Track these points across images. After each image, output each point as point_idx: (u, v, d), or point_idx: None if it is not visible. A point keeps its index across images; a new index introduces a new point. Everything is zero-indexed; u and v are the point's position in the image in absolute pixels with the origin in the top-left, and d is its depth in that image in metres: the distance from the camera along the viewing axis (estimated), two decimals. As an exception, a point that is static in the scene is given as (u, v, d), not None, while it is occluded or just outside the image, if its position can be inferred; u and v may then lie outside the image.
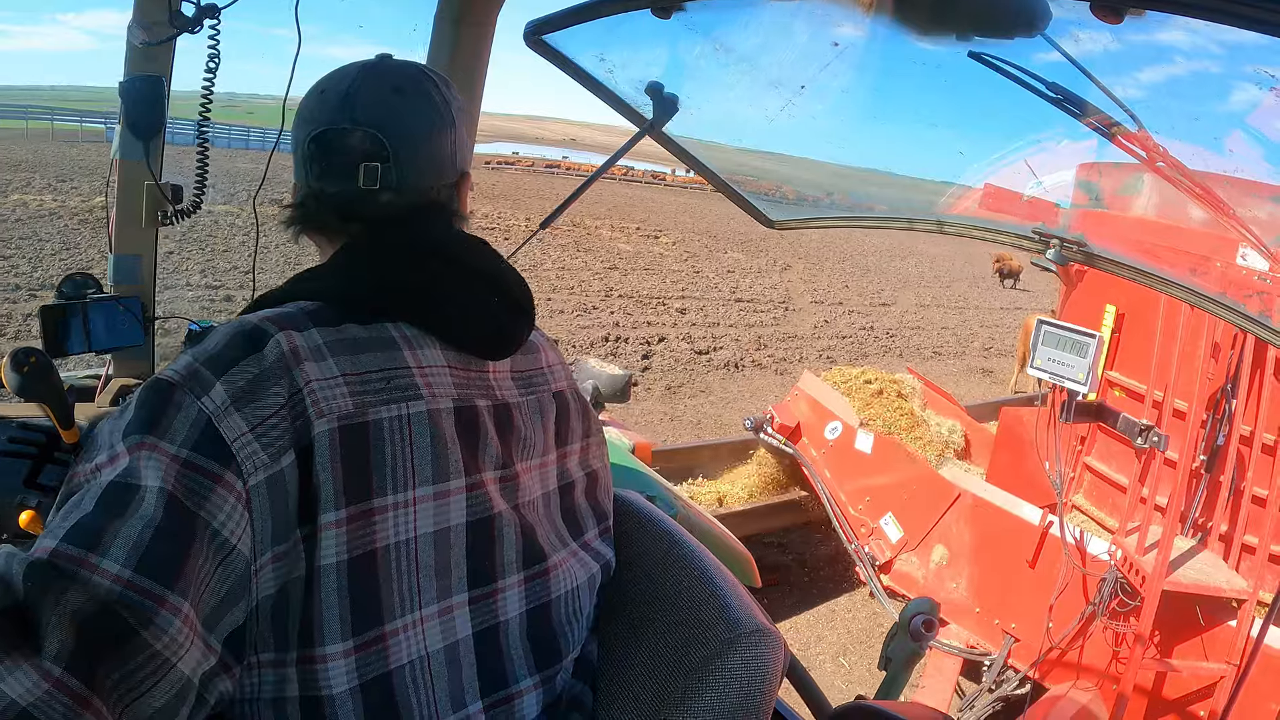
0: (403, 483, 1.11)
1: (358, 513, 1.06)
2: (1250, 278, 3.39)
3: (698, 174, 2.43)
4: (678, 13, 1.79)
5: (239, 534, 0.97)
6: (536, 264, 18.67)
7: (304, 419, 1.04)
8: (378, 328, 1.18)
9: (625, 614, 1.46)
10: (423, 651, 1.12)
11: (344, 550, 1.05)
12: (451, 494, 1.17)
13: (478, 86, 2.25)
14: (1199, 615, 4.02)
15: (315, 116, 1.28)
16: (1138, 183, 3.48)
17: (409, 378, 1.17)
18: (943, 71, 1.79)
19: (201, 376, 1.02)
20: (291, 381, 1.05)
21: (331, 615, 1.04)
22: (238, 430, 1.00)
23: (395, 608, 1.10)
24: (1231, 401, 4.27)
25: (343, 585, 1.04)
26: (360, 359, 1.13)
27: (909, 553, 5.50)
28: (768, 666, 1.30)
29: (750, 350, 14.13)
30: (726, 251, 25.30)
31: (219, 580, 0.95)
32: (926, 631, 2.05)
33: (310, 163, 1.29)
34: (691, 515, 3.07)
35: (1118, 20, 1.17)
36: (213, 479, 0.97)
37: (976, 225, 2.17)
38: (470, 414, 1.23)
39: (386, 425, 1.11)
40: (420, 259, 1.24)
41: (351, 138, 1.26)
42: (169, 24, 2.00)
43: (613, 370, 3.58)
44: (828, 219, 2.57)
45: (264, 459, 1.00)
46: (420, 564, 1.13)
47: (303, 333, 1.10)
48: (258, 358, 1.06)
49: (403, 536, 1.11)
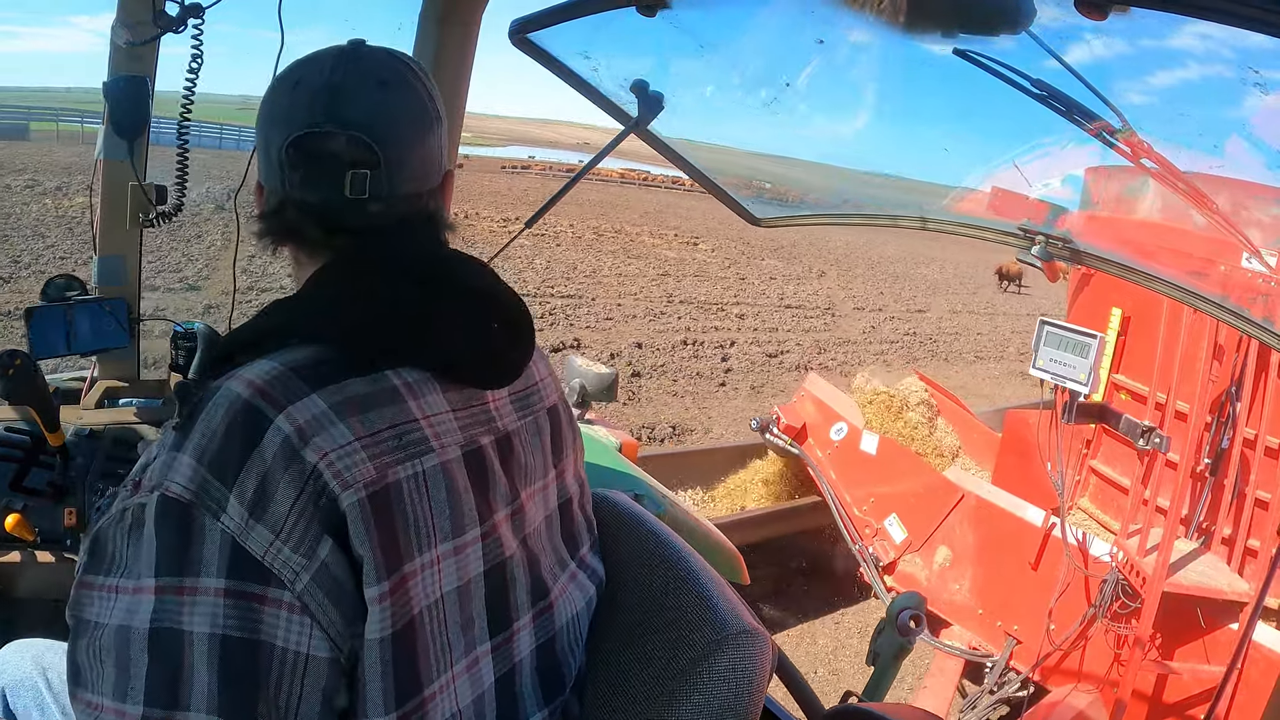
0: (427, 543, 1.06)
1: (397, 582, 1.02)
2: (1255, 281, 3.38)
3: (683, 172, 2.42)
4: (662, 11, 1.79)
5: (307, 642, 0.95)
6: (596, 270, 19.32)
7: (327, 497, 0.98)
8: (378, 378, 1.09)
9: (612, 616, 1.45)
10: (455, 709, 1.10)
11: (388, 624, 1.01)
12: (469, 545, 1.13)
13: (463, 85, 2.25)
14: (1200, 618, 4.00)
15: (291, 117, 1.15)
16: (1142, 186, 3.47)
17: (418, 431, 1.09)
18: (928, 69, 1.78)
19: (213, 491, 0.95)
20: (302, 466, 0.97)
21: (374, 690, 1.00)
22: (265, 542, 0.94)
23: (432, 671, 1.07)
24: (1236, 405, 4.25)
25: (387, 659, 1.01)
26: (369, 417, 1.05)
27: (913, 554, 5.48)
28: (755, 667, 1.30)
29: (813, 354, 14.70)
30: (763, 259, 25.69)
31: (311, 689, 0.95)
32: (914, 626, 2.05)
33: (288, 169, 1.15)
34: (679, 514, 3.06)
35: (1102, 17, 1.16)
36: (258, 600, 0.93)
37: (962, 222, 2.16)
38: (478, 456, 1.17)
39: (405, 485, 1.05)
40: (416, 284, 1.14)
41: (336, 142, 1.13)
42: (153, 24, 2.00)
43: (600, 369, 3.57)
44: (812, 217, 2.56)
45: (301, 561, 0.95)
46: (449, 622, 1.10)
47: (302, 402, 1.01)
48: (259, 453, 0.97)
49: (433, 598, 1.07)
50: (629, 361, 12.23)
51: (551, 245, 21.94)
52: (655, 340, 13.73)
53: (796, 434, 6.58)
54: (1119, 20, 1.16)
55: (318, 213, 1.16)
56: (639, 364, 12.21)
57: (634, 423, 9.65)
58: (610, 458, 3.19)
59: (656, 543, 1.49)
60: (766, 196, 2.64)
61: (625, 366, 11.87)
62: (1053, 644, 4.52)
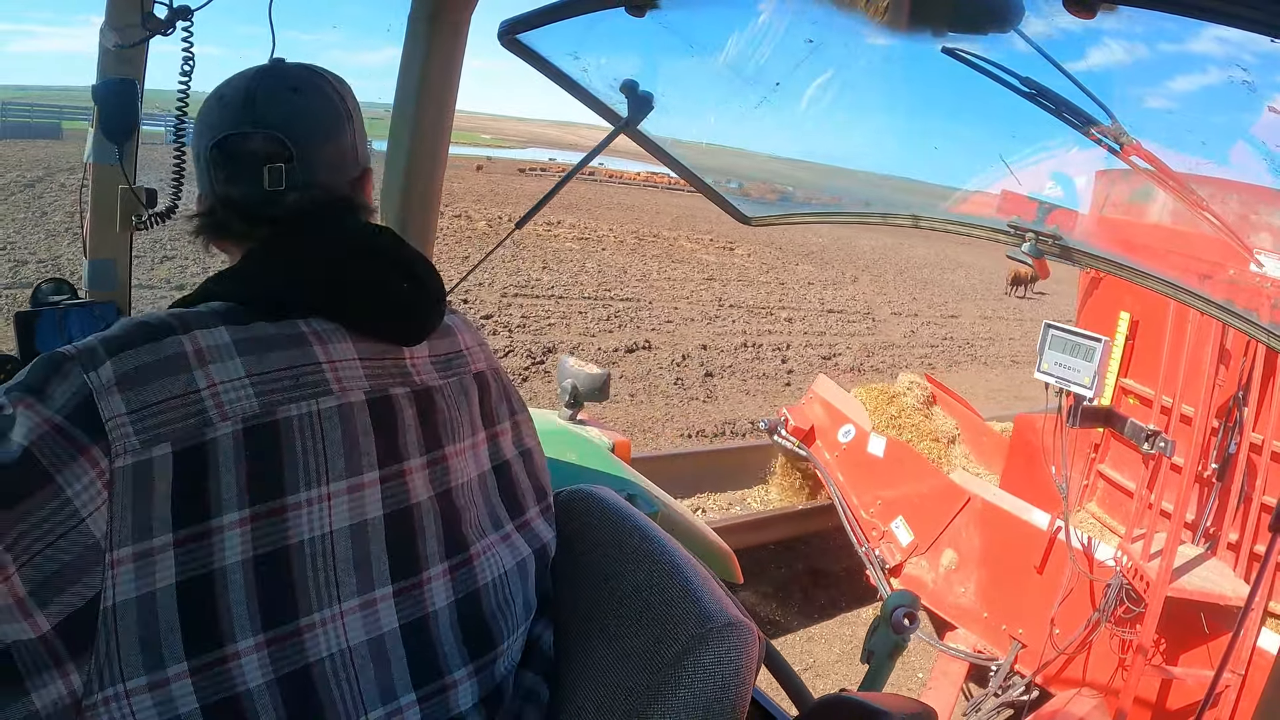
0: (315, 479, 1.11)
1: (265, 511, 1.06)
2: (1263, 285, 3.35)
3: (674, 172, 2.41)
4: (652, 11, 1.79)
5: (91, 509, 0.97)
6: (646, 274, 19.71)
7: (197, 419, 1.04)
8: (288, 324, 1.17)
9: (595, 611, 1.44)
10: (343, 645, 1.11)
11: (249, 548, 1.04)
12: (366, 486, 1.17)
13: (452, 85, 2.25)
14: (1204, 623, 3.97)
15: (216, 123, 1.28)
16: (1147, 191, 3.45)
17: (319, 373, 1.16)
18: (917, 68, 1.78)
19: (95, 353, 1.03)
20: (189, 380, 1.05)
21: (240, 611, 1.03)
22: (115, 410, 1.01)
23: (311, 602, 1.09)
24: (1243, 409, 4.22)
25: (250, 581, 1.04)
26: (268, 357, 1.13)
27: (919, 556, 5.46)
28: (741, 660, 1.28)
29: (862, 357, 15.09)
30: (797, 264, 25.99)
31: (57, 549, 0.95)
32: (908, 624, 2.03)
33: (214, 169, 1.28)
34: (673, 513, 3.05)
35: (1090, 15, 1.16)
36: (78, 449, 0.98)
37: (953, 220, 2.15)
38: (385, 404, 1.23)
39: (296, 422, 1.11)
40: (327, 252, 1.24)
41: (253, 140, 1.26)
42: (141, 26, 1.99)
43: (591, 369, 3.56)
44: (803, 215, 2.56)
45: (135, 444, 1.00)
46: (338, 558, 1.12)
47: (209, 330, 1.10)
48: (155, 347, 1.06)
49: (317, 532, 1.11)
50: (700, 363, 12.73)
51: (598, 249, 22.34)
52: (717, 343, 14.23)
53: (804, 436, 6.58)
54: (1108, 19, 1.16)
55: (240, 206, 1.28)
56: (709, 365, 12.69)
57: (714, 419, 9.98)
58: (602, 459, 3.19)
59: (640, 537, 1.48)
60: (755, 195, 2.65)
61: (698, 367, 12.44)
62: (1057, 648, 4.50)
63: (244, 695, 1.03)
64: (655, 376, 11.77)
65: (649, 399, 10.76)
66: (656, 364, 12.37)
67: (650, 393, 11.03)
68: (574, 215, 28.90)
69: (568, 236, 23.79)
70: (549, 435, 3.21)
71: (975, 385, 13.74)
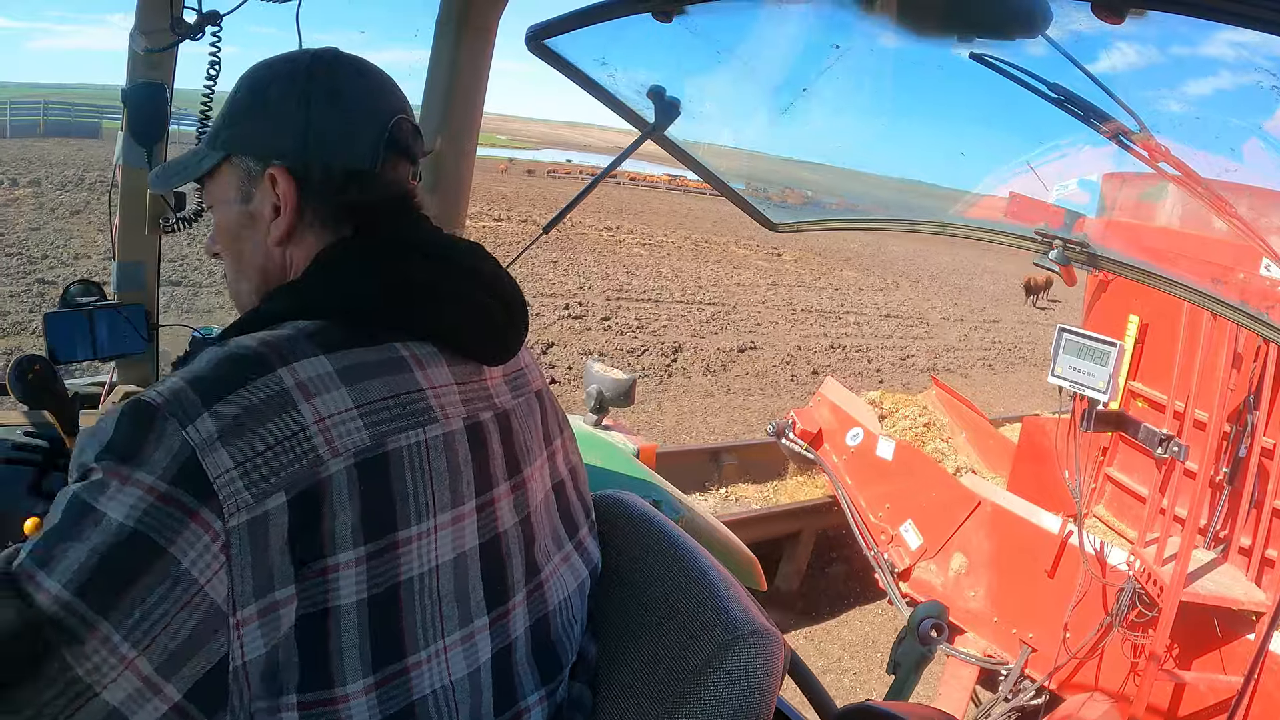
0: (425, 511, 1.07)
1: (379, 549, 1.01)
2: (1274, 288, 3.35)
3: (700, 177, 2.42)
4: (678, 16, 1.78)
5: (209, 575, 0.90)
6: (717, 279, 20.61)
7: (309, 459, 0.97)
8: (386, 348, 1.11)
9: (623, 616, 1.44)
10: (446, 680, 1.09)
11: (364, 588, 1.00)
12: (465, 517, 1.13)
13: (480, 89, 2.25)
14: (1217, 628, 3.97)
15: (376, 104, 1.22)
16: (1159, 191, 3.45)
17: (424, 401, 1.11)
18: (945, 74, 1.77)
19: (188, 402, 0.94)
20: (296, 419, 0.98)
21: (351, 655, 0.99)
22: (222, 466, 0.92)
23: (419, 639, 1.06)
24: (1253, 413, 4.22)
25: (363, 623, 1.00)
26: (372, 385, 1.06)
27: (928, 560, 5.46)
28: (767, 668, 1.29)
29: (931, 358, 16.15)
30: (841, 270, 26.70)
31: (178, 623, 0.88)
32: (935, 635, 2.03)
33: (384, 149, 1.21)
34: (697, 519, 3.05)
35: (1119, 20, 1.16)
36: (187, 513, 0.89)
37: (979, 226, 2.15)
38: (478, 430, 1.19)
39: (406, 454, 1.06)
40: (420, 262, 1.16)
41: (408, 127, 1.25)
42: (170, 31, 2.00)
43: (617, 374, 3.57)
44: (829, 221, 2.56)
45: (248, 499, 0.92)
46: (442, 593, 1.09)
47: (310, 360, 1.02)
48: (254, 386, 0.97)
49: (427, 566, 1.07)
50: (806, 361, 13.93)
51: (662, 255, 23.13)
52: (808, 344, 15.21)
53: (813, 439, 6.57)
54: (1136, 24, 1.16)
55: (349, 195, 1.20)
56: (815, 363, 13.85)
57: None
58: (628, 464, 3.19)
59: (668, 543, 1.48)
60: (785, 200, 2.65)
61: (804, 365, 13.62)
62: (1068, 652, 4.50)
63: None
64: (773, 373, 13.06)
65: (775, 393, 11.93)
66: (768, 363, 13.52)
67: (775, 388, 12.28)
68: (621, 219, 29.47)
69: (631, 242, 24.43)
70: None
71: (1034, 386, 14.36)
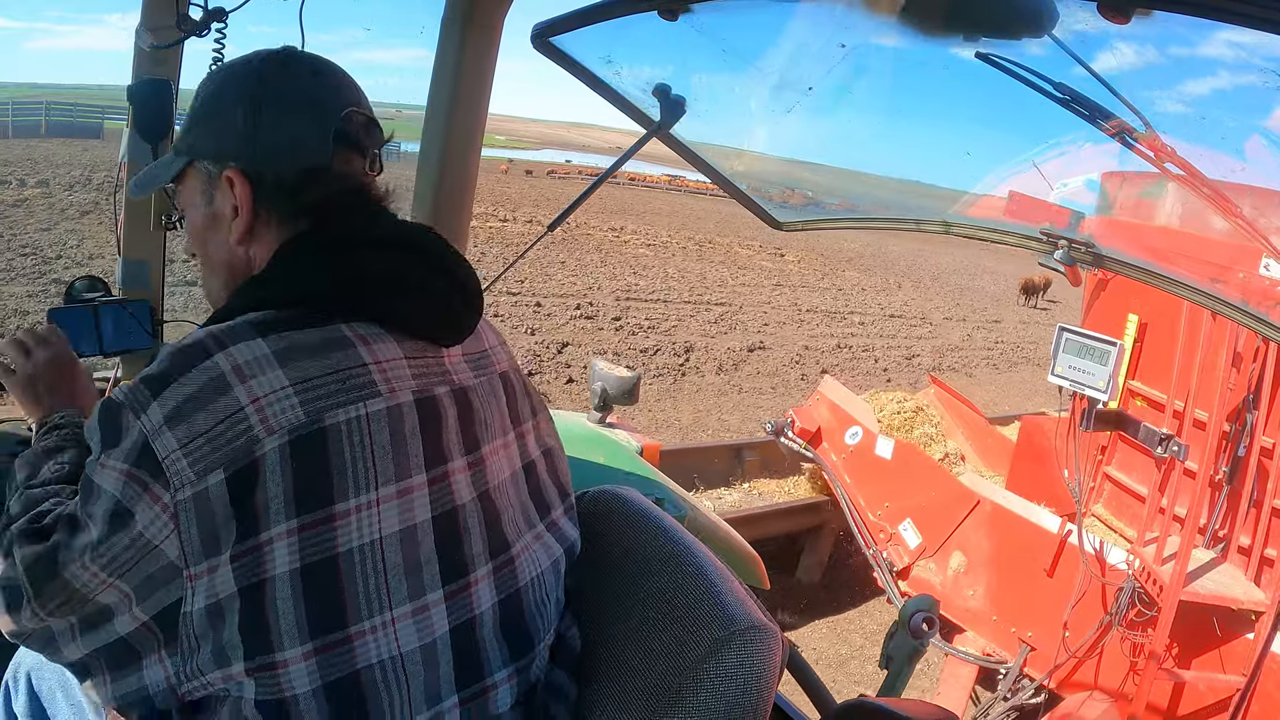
0: (365, 484, 1.11)
1: (313, 521, 1.07)
2: (1274, 287, 3.36)
3: (705, 175, 2.42)
4: (684, 14, 1.78)
5: (162, 538, 1.05)
6: (723, 280, 20.84)
7: (245, 438, 1.05)
8: (331, 329, 1.16)
9: (619, 610, 1.44)
10: (394, 652, 1.12)
11: (296, 559, 1.06)
12: (415, 490, 1.16)
13: (485, 88, 2.24)
14: (1216, 627, 3.98)
15: (326, 98, 1.28)
16: (1160, 189, 3.46)
17: (366, 375, 1.15)
18: (950, 73, 1.78)
19: (141, 396, 1.07)
20: (232, 401, 1.06)
21: (288, 622, 1.06)
22: (170, 448, 1.04)
23: (361, 610, 1.10)
24: (1253, 413, 4.23)
25: (297, 592, 1.06)
26: (311, 364, 1.12)
27: (927, 559, 5.47)
28: (765, 663, 1.29)
29: (936, 358, 16.35)
30: (844, 270, 26.97)
31: (142, 565, 1.07)
32: (927, 629, 2.04)
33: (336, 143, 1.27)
34: (700, 517, 3.05)
35: (1125, 20, 1.16)
36: (144, 489, 1.05)
37: (984, 226, 2.16)
38: (431, 405, 1.22)
39: (344, 428, 1.11)
40: (372, 253, 1.23)
41: (360, 120, 1.31)
42: (176, 27, 2.00)
43: (621, 372, 3.57)
44: (834, 220, 2.56)
45: (191, 476, 1.04)
46: (388, 565, 1.12)
47: (247, 344, 1.10)
48: (194, 374, 1.07)
49: (368, 539, 1.11)
50: (815, 361, 14.12)
51: (667, 255, 23.40)
52: (815, 344, 15.40)
53: (811, 438, 6.56)
54: (1142, 24, 1.16)
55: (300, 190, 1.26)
56: (824, 363, 14.04)
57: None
58: (631, 461, 3.19)
59: (665, 538, 1.48)
60: (786, 201, 2.65)
61: (813, 365, 13.77)
62: (1067, 651, 4.51)
63: (292, 700, 1.07)
64: (784, 372, 13.24)
65: (787, 391, 12.07)
66: (778, 362, 13.73)
67: (786, 387, 12.43)
68: (624, 220, 29.70)
69: (636, 243, 24.66)
70: (578, 438, 3.22)
71: (1037, 385, 14.40)
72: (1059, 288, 25.20)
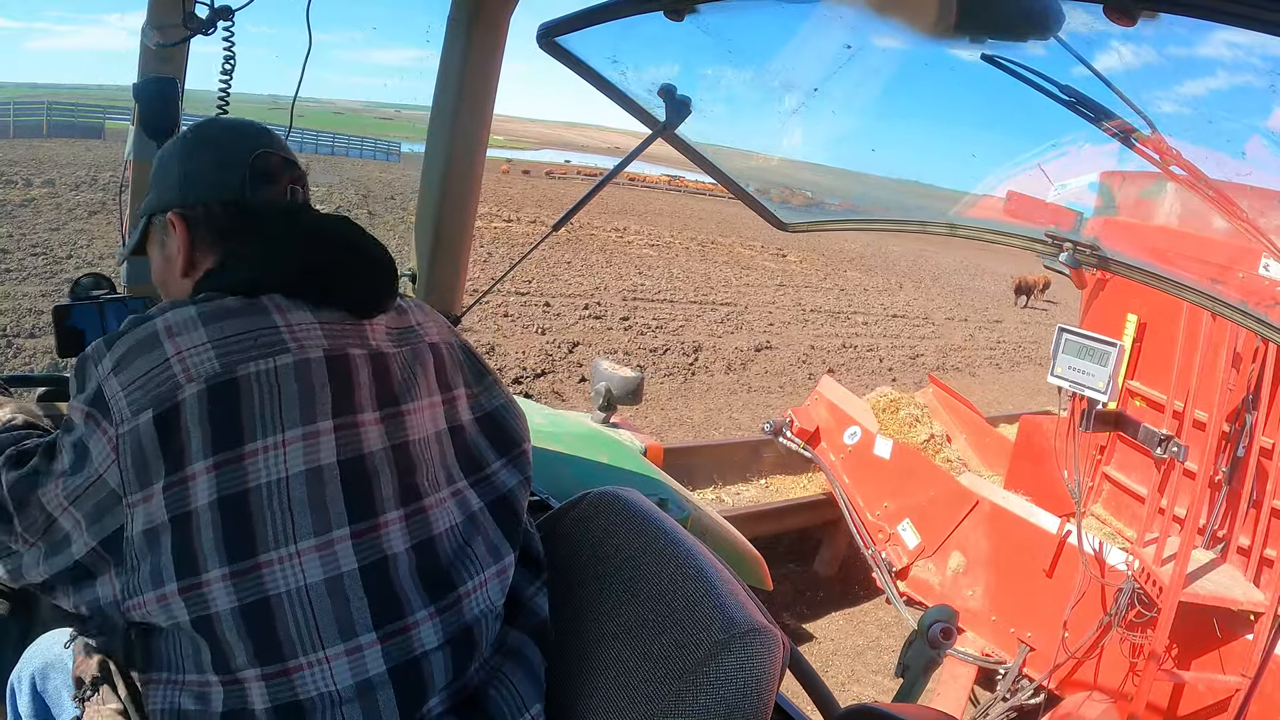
0: (273, 427, 1.25)
1: (227, 459, 1.21)
2: (1273, 288, 3.37)
3: (711, 176, 2.42)
4: (690, 15, 1.79)
5: (106, 466, 1.22)
6: (727, 280, 21.07)
7: (169, 384, 1.21)
8: (253, 300, 1.32)
9: (619, 611, 1.45)
10: (300, 582, 1.23)
11: (214, 491, 1.20)
12: (321, 435, 1.29)
13: (491, 87, 2.25)
14: (1216, 628, 3.98)
15: (236, 142, 1.51)
16: (1160, 189, 3.46)
17: (277, 335, 1.30)
18: (956, 75, 1.78)
19: (100, 350, 1.26)
20: (160, 353, 1.23)
21: (208, 546, 1.19)
22: (114, 390, 1.22)
23: (269, 540, 1.22)
24: (1252, 413, 4.23)
25: (216, 521, 1.20)
26: (230, 324, 1.27)
27: (926, 559, 5.47)
28: (766, 666, 1.29)
29: (939, 358, 16.59)
30: (845, 270, 27.21)
31: (91, 492, 1.23)
32: (945, 639, 2.04)
33: (250, 180, 1.48)
34: (703, 518, 3.05)
35: (1131, 23, 1.16)
36: (96, 425, 1.23)
37: (988, 228, 2.16)
38: (342, 361, 1.35)
39: (255, 379, 1.25)
40: (291, 239, 1.41)
41: (275, 159, 1.51)
42: (182, 26, 2.01)
43: (625, 372, 3.57)
44: (839, 222, 2.56)
45: (128, 414, 1.21)
46: (294, 500, 1.25)
47: (180, 310, 1.28)
48: (136, 332, 1.26)
49: (274, 476, 1.24)
50: (821, 360, 14.26)
51: (671, 256, 23.67)
52: (820, 344, 15.64)
53: (810, 438, 6.57)
54: (1148, 26, 1.17)
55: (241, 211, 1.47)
56: (830, 362, 14.20)
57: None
58: (635, 461, 3.19)
59: (666, 539, 1.48)
60: (788, 202, 2.65)
61: (819, 364, 13.85)
62: (1067, 652, 4.51)
63: (216, 616, 1.20)
64: (791, 372, 13.39)
65: (794, 390, 12.12)
66: (785, 362, 13.89)
67: (794, 386, 12.51)
68: (627, 220, 29.85)
69: (639, 243, 24.85)
70: (581, 438, 3.21)
71: (1039, 385, 14.40)
72: (1058, 288, 25.24)
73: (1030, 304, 26.20)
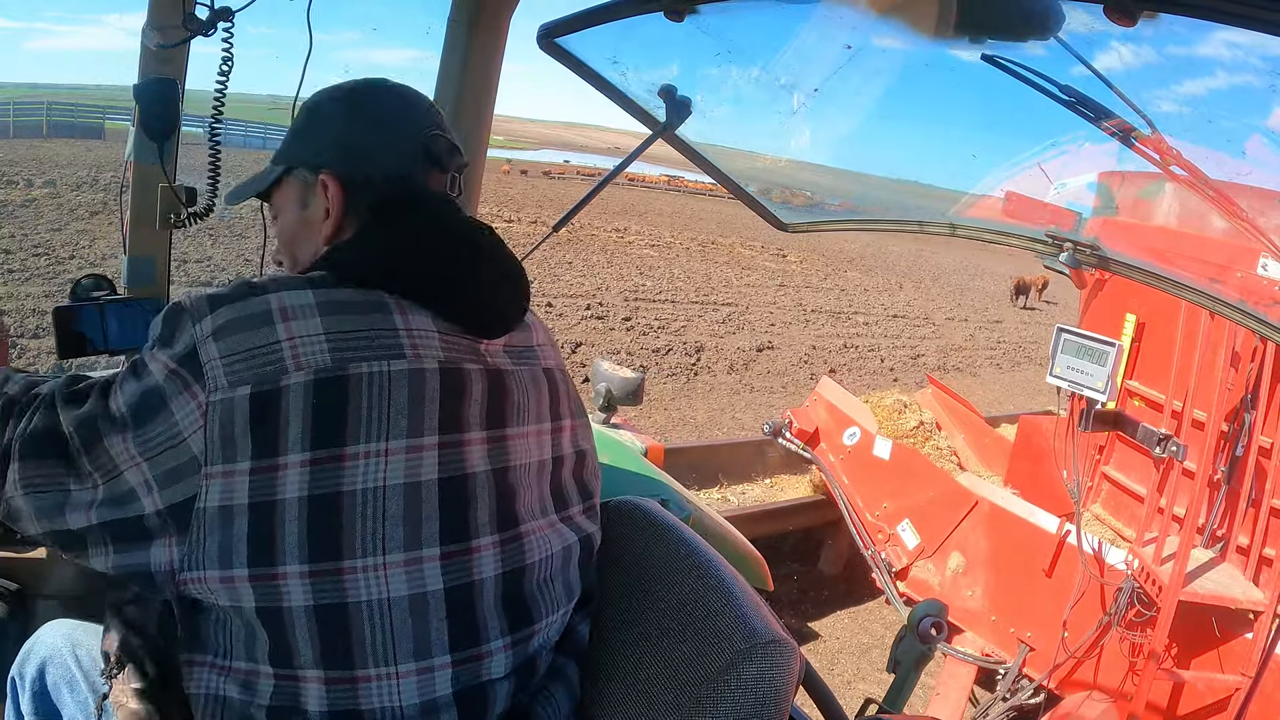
0: (378, 434, 1.20)
1: (325, 457, 1.17)
2: (1271, 287, 3.37)
3: (711, 177, 2.42)
4: (690, 15, 1.79)
5: (191, 431, 1.17)
6: (728, 280, 21.18)
7: (275, 367, 1.17)
8: (375, 295, 1.28)
9: (640, 620, 1.46)
10: (384, 595, 1.20)
11: (305, 487, 1.16)
12: (425, 449, 1.25)
13: (491, 87, 2.25)
14: (1215, 627, 3.98)
15: (416, 120, 1.46)
16: (1159, 189, 3.47)
17: (394, 338, 1.25)
18: (957, 75, 1.78)
19: (202, 307, 1.21)
20: (272, 333, 1.19)
21: (290, 540, 1.15)
22: (211, 356, 1.17)
23: (356, 548, 1.18)
24: (1250, 412, 4.23)
25: (303, 516, 1.16)
26: (347, 319, 1.23)
27: (925, 559, 5.46)
28: (784, 677, 1.30)
29: (940, 357, 16.72)
30: (845, 271, 27.26)
31: (169, 455, 1.18)
32: (935, 634, 2.04)
33: (422, 159, 1.45)
34: (705, 518, 3.05)
35: (1131, 23, 1.17)
36: (184, 386, 1.18)
37: (988, 228, 2.16)
38: (456, 376, 1.30)
39: (365, 379, 1.21)
40: (433, 239, 1.35)
41: (444, 142, 1.47)
42: (183, 27, 2.01)
43: (625, 373, 3.58)
44: (840, 222, 2.56)
45: (224, 384, 1.16)
46: (388, 512, 1.20)
47: (296, 291, 1.23)
48: (246, 303, 1.21)
49: (371, 484, 1.20)
50: (823, 361, 14.34)
51: (672, 256, 23.69)
52: (822, 344, 15.70)
53: (809, 438, 6.56)
54: (1148, 26, 1.17)
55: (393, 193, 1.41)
56: (832, 362, 14.30)
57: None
58: (636, 462, 3.19)
59: (686, 550, 1.50)
60: (788, 202, 2.65)
61: (821, 365, 13.88)
62: (1066, 651, 4.51)
63: (287, 610, 1.16)
64: (793, 372, 13.43)
65: (797, 390, 12.06)
66: (787, 362, 13.94)
67: (797, 386, 12.49)
68: (627, 220, 29.83)
69: (640, 244, 24.86)
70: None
71: (1040, 384, 14.65)
72: (1056, 287, 25.28)
73: (1029, 304, 26.20)
